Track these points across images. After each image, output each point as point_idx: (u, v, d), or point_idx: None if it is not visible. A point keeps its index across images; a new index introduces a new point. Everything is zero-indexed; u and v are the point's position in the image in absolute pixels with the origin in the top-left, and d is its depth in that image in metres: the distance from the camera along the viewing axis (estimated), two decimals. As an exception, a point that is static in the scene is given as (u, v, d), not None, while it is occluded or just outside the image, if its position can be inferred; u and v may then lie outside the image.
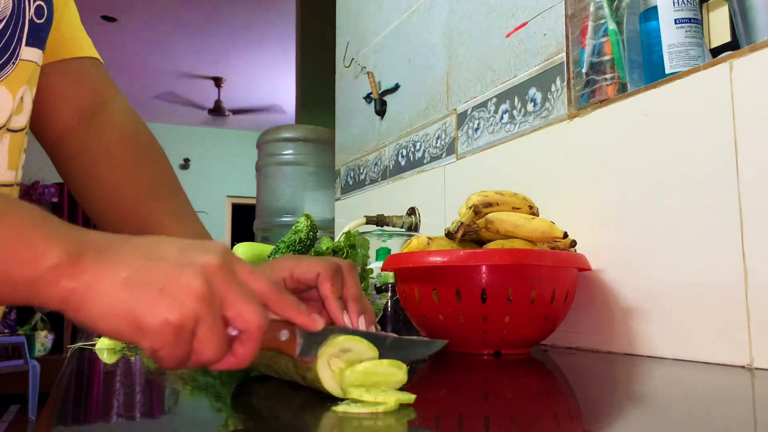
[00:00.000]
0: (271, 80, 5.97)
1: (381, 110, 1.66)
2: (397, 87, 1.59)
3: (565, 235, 0.85)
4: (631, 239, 0.86)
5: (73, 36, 0.71)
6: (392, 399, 0.43)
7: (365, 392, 0.44)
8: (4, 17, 0.56)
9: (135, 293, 0.37)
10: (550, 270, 0.79)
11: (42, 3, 0.61)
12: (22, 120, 0.60)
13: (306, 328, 0.45)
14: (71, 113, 0.70)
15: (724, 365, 0.72)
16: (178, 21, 4.75)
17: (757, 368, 0.69)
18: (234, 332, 0.40)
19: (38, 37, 0.61)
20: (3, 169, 0.58)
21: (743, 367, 0.70)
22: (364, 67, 1.78)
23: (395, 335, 0.54)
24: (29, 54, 0.59)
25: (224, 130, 7.69)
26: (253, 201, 2.62)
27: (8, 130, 0.57)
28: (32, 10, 0.60)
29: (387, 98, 1.64)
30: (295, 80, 3.57)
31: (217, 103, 6.17)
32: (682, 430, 0.43)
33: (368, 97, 1.72)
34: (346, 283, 0.55)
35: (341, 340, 0.47)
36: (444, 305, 0.79)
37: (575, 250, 0.90)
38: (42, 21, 0.61)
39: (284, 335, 0.45)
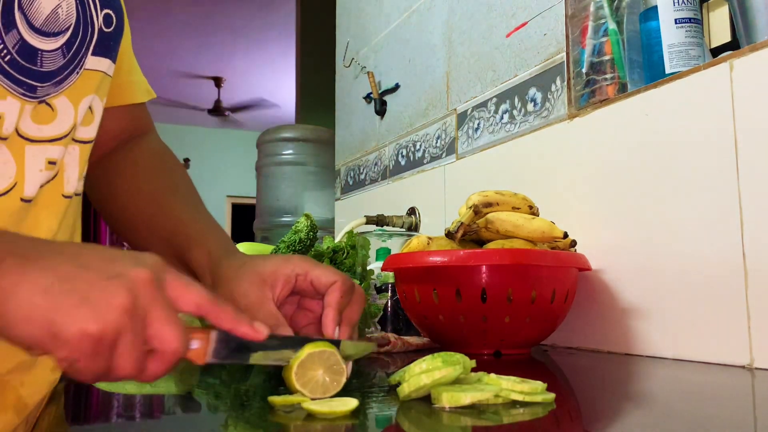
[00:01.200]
0: (271, 80, 5.97)
1: (381, 110, 1.66)
2: (397, 87, 1.59)
3: (565, 235, 0.85)
4: (631, 239, 0.86)
5: (131, 80, 0.71)
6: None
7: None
8: (70, 26, 0.54)
9: (56, 300, 0.35)
10: (550, 270, 0.79)
11: (110, 11, 0.59)
12: (90, 131, 0.59)
13: (249, 339, 0.43)
14: (111, 143, 0.71)
15: (724, 365, 0.72)
16: (178, 21, 4.75)
17: (757, 368, 0.69)
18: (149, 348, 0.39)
19: (107, 46, 0.58)
20: (74, 179, 0.57)
21: (743, 367, 0.70)
22: (364, 67, 1.78)
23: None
24: (95, 63, 0.57)
25: (224, 130, 7.69)
26: (253, 201, 2.62)
27: (75, 140, 0.56)
28: (101, 19, 0.57)
29: (387, 98, 1.64)
30: (295, 80, 3.57)
31: (217, 103, 6.17)
32: (682, 430, 0.43)
33: (368, 97, 1.72)
34: (352, 306, 0.55)
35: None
36: (444, 305, 0.79)
37: (575, 250, 0.90)
38: (111, 29, 0.59)
39: (194, 344, 0.43)
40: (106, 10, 0.58)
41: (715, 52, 0.88)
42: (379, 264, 1.10)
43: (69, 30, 0.53)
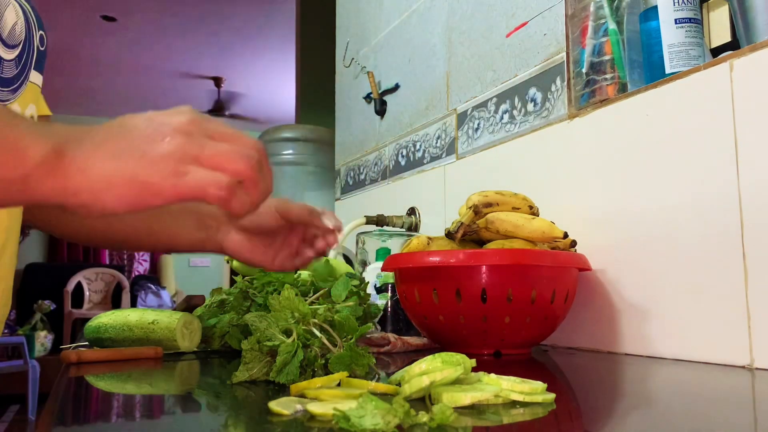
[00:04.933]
0: (271, 80, 5.97)
1: (381, 110, 1.66)
2: (397, 87, 1.59)
3: (565, 235, 0.85)
4: (631, 239, 0.86)
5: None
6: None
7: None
8: (21, 41, 0.63)
9: (125, 159, 0.40)
10: (550, 270, 0.79)
11: (43, 33, 0.70)
12: None
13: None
14: None
15: (724, 365, 0.72)
16: (178, 21, 4.75)
17: (757, 368, 0.69)
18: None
19: (41, 63, 0.69)
20: None
21: (743, 367, 0.70)
22: (364, 67, 1.78)
23: None
24: (35, 77, 0.67)
25: (224, 130, 7.68)
26: (253, 201, 2.61)
27: None
28: (37, 39, 0.67)
29: (387, 98, 1.64)
30: (295, 80, 3.57)
31: (217, 103, 6.17)
32: (682, 430, 0.43)
33: (368, 97, 1.72)
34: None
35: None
36: (444, 305, 0.79)
37: (575, 250, 0.90)
38: (43, 48, 0.70)
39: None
40: (41, 32, 0.69)
41: (715, 52, 0.88)
42: (379, 264, 1.10)
43: (20, 45, 0.63)
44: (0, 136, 0.38)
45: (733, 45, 0.86)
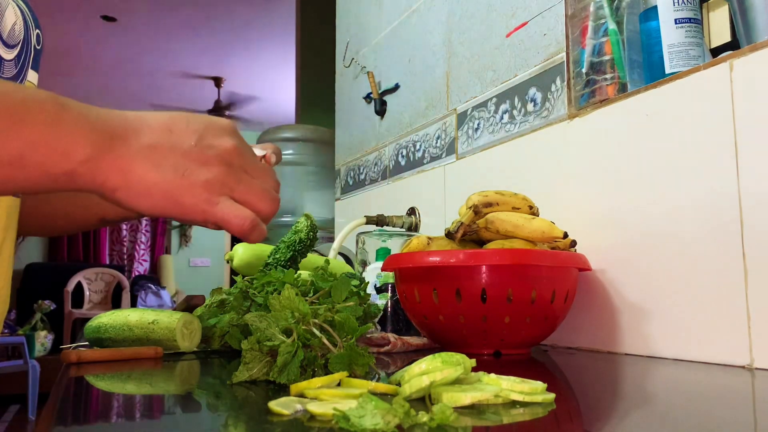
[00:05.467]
0: (271, 80, 5.97)
1: (381, 110, 1.66)
2: (397, 87, 1.59)
3: (565, 235, 0.85)
4: (631, 239, 0.86)
5: None
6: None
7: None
8: (20, 41, 0.62)
9: (167, 175, 0.43)
10: (550, 270, 0.79)
11: (39, 32, 0.69)
12: None
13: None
14: None
15: (724, 365, 0.72)
16: (178, 21, 4.75)
17: (757, 368, 0.69)
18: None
19: (37, 61, 0.68)
20: None
21: (743, 367, 0.70)
22: (364, 67, 1.78)
23: None
24: (32, 76, 0.66)
25: (224, 130, 7.69)
26: (253, 201, 2.61)
27: None
28: (34, 37, 0.67)
29: (387, 98, 1.64)
30: (295, 80, 3.57)
31: (217, 103, 6.17)
32: (682, 430, 0.43)
33: (368, 97, 1.72)
34: None
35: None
36: (444, 305, 0.79)
37: (575, 250, 0.90)
38: (39, 47, 0.69)
39: None
40: (37, 30, 0.69)
41: (715, 52, 0.88)
42: (379, 264, 1.10)
43: (19, 44, 0.63)
44: (49, 136, 0.39)
45: (733, 45, 0.86)
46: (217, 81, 6.03)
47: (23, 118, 0.39)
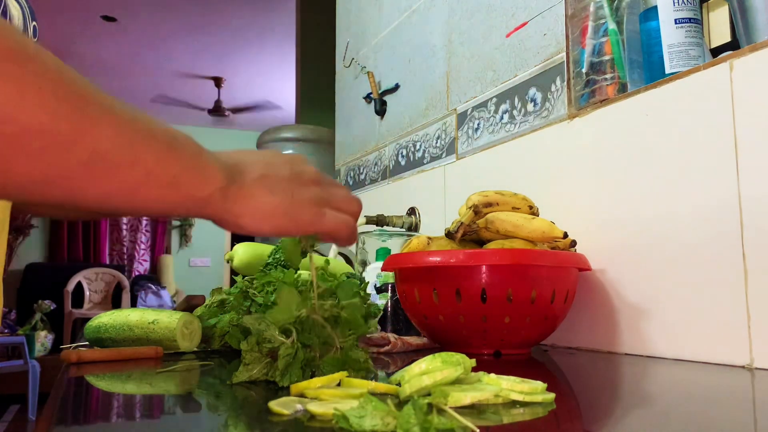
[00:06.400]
0: (271, 80, 5.97)
1: (381, 110, 1.66)
2: (397, 87, 1.59)
3: (565, 235, 0.85)
4: (631, 239, 0.86)
5: None
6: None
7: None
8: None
9: (278, 200, 0.49)
10: (550, 270, 0.79)
11: (36, 24, 0.69)
12: None
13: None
14: None
15: (724, 365, 0.72)
16: (178, 21, 4.75)
17: (757, 368, 0.69)
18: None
19: None
20: None
21: (743, 367, 0.70)
22: (364, 67, 1.78)
23: None
24: None
25: (224, 130, 7.69)
26: (253, 201, 2.61)
27: None
28: (31, 30, 0.66)
29: (387, 98, 1.64)
30: (295, 80, 3.57)
31: (217, 103, 6.17)
32: (682, 430, 0.43)
33: (368, 97, 1.72)
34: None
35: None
36: (444, 305, 0.79)
37: (575, 250, 0.90)
38: (36, 40, 0.69)
39: None
40: (33, 22, 0.69)
41: (715, 52, 0.88)
42: (379, 264, 1.10)
43: None
44: (195, 160, 0.44)
45: (733, 45, 0.86)
46: (217, 81, 6.03)
47: (178, 147, 0.43)
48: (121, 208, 0.42)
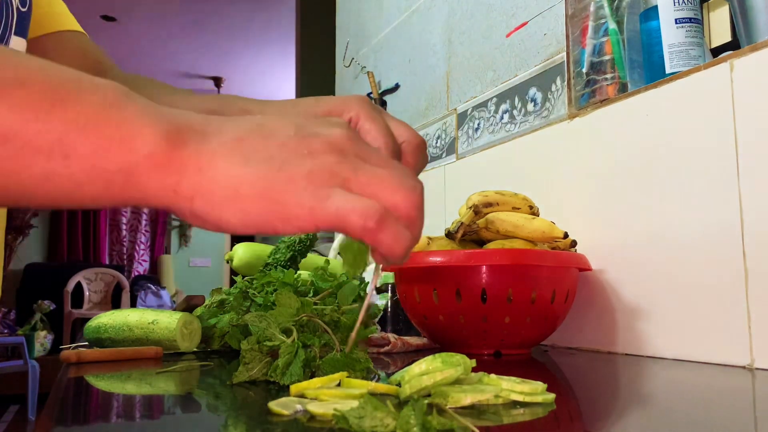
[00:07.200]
0: (271, 80, 5.97)
1: (381, 110, 1.66)
2: (397, 87, 1.59)
3: (566, 235, 0.85)
4: (631, 239, 0.86)
5: (60, 11, 0.73)
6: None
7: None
8: None
9: (259, 170, 0.31)
10: (550, 270, 0.79)
11: None
12: None
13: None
14: None
15: (724, 365, 0.72)
16: (178, 21, 4.75)
17: (757, 368, 0.69)
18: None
19: (23, 26, 0.60)
20: None
21: (743, 367, 0.70)
22: (364, 67, 1.78)
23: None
24: (17, 43, 0.58)
25: (224, 130, 7.70)
26: (253, 201, 2.61)
27: None
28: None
29: (387, 98, 1.64)
30: (295, 80, 3.57)
31: (218, 103, 6.17)
32: (682, 430, 0.43)
33: (368, 97, 1.72)
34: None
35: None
36: (444, 305, 0.79)
37: (575, 250, 0.90)
38: (25, 9, 0.60)
39: None
40: None
41: (715, 52, 0.88)
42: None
43: None
44: (102, 118, 0.30)
45: (734, 45, 0.85)
46: (217, 81, 6.03)
47: (68, 97, 0.30)
48: None
